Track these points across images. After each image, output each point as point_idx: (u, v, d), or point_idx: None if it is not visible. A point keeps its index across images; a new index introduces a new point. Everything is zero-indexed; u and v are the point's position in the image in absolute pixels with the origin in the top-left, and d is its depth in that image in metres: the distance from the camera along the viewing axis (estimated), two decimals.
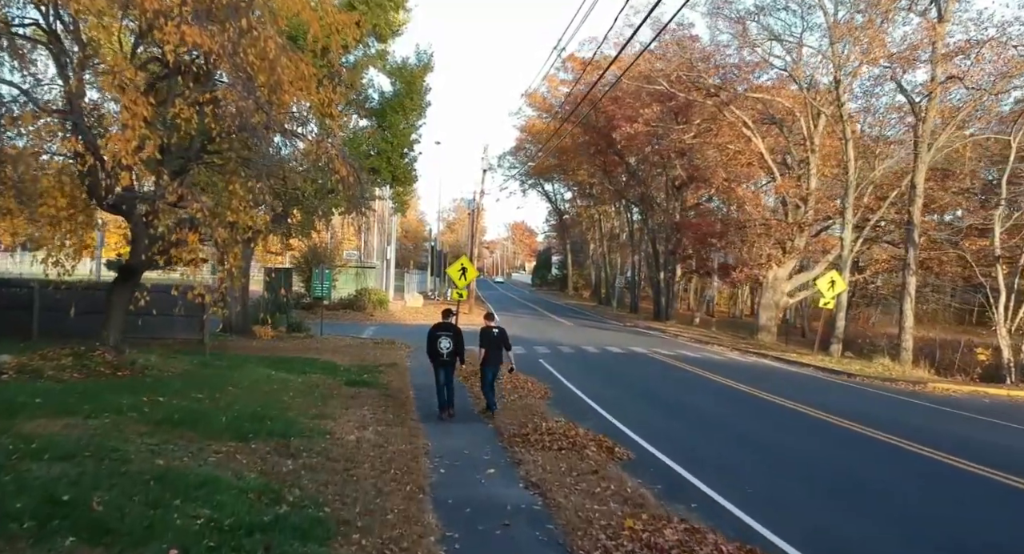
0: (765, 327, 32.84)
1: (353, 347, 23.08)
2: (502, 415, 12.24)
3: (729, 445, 11.64)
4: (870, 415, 15.00)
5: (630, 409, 14.27)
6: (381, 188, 27.50)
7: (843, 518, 8.02)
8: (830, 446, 12.13)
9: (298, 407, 11.44)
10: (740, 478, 9.33)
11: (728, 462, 10.32)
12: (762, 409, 15.39)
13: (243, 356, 18.12)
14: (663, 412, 14.47)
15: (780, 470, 10.15)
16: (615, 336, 32.93)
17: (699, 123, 33.72)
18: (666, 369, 21.36)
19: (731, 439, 12.12)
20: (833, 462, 10.86)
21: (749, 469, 9.97)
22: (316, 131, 16.50)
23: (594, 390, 16.21)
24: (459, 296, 23.31)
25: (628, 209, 57.86)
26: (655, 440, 11.19)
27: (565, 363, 21.33)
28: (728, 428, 13.12)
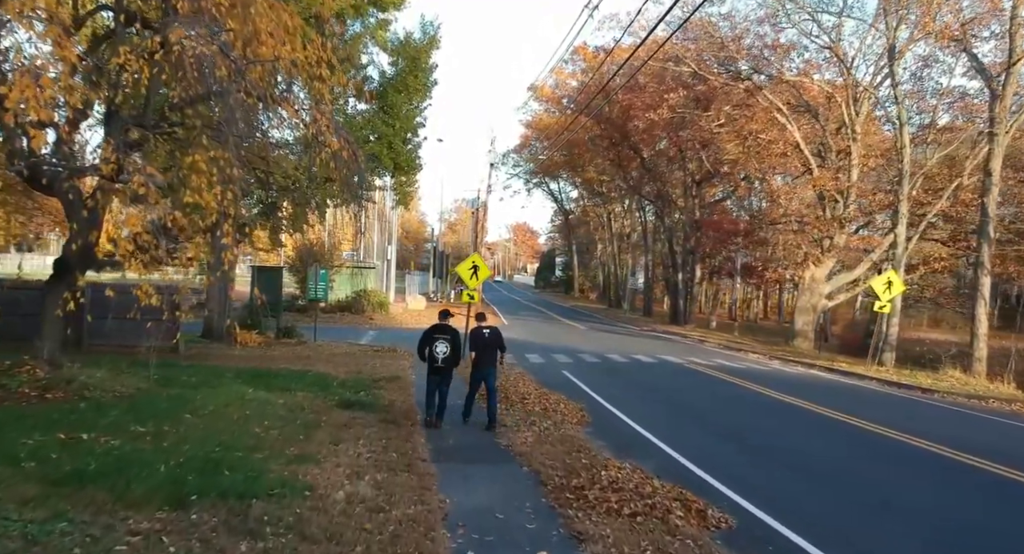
0: (801, 332, 30.07)
1: (349, 356, 20.33)
2: (539, 452, 9.47)
3: (852, 501, 8.54)
4: (998, 448, 12.05)
5: (695, 440, 11.46)
6: (381, 177, 24.74)
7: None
8: (981, 499, 9.26)
9: (272, 444, 8.67)
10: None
11: (876, 534, 7.40)
12: (859, 440, 12.34)
13: (219, 368, 15.36)
14: (735, 445, 11.60)
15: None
16: (636, 342, 30.15)
17: (729, 108, 31.02)
18: (712, 384, 18.52)
19: (851, 491, 9.00)
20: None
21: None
22: (304, 99, 13.73)
23: (639, 412, 13.41)
24: (469, 298, 20.53)
25: (641, 207, 55.11)
26: (749, 492, 8.36)
27: (592, 375, 18.57)
28: (836, 471, 10.13)
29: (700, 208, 43.02)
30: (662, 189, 46.27)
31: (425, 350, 11.06)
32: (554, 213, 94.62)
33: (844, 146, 30.41)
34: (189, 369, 15.08)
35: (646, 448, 10.58)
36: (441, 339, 10.98)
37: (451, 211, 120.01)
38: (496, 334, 11.59)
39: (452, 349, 10.99)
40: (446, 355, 10.92)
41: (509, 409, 12.64)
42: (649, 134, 42.12)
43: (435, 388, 11.02)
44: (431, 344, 10.99)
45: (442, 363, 10.91)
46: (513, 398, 13.33)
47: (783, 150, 30.22)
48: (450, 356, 10.96)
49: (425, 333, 11.20)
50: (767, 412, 14.71)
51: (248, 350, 20.50)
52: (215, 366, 15.63)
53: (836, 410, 14.90)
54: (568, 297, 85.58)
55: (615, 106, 42.20)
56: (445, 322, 11.32)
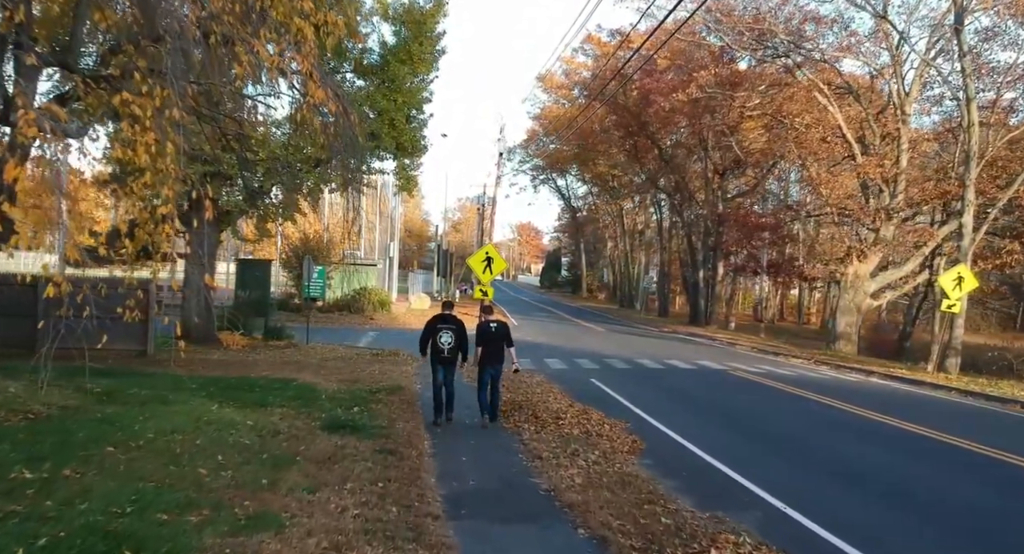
0: (844, 335, 27.33)
1: (344, 361, 17.72)
2: (596, 502, 6.80)
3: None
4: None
5: (801, 481, 8.65)
6: (382, 160, 22.06)
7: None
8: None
9: (220, 495, 6.04)
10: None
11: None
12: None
13: (185, 379, 12.72)
14: (862, 491, 8.88)
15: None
16: (663, 345, 27.47)
17: (764, 87, 28.33)
18: (775, 397, 15.68)
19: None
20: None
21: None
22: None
23: (704, 436, 10.67)
24: (483, 294, 17.87)
25: (656, 202, 52.43)
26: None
27: (627, 384, 15.89)
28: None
29: (723, 201, 40.30)
30: (681, 181, 43.57)
31: (428, 342, 10.63)
32: (561, 211, 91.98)
33: (889, 130, 27.71)
34: (148, 378, 12.47)
35: (734, 492, 7.89)
36: (446, 330, 10.58)
37: (455, 210, 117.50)
38: (503, 328, 11.06)
39: (457, 340, 10.58)
40: (451, 345, 10.51)
41: (541, 432, 9.98)
42: (668, 122, 39.46)
43: (442, 382, 10.60)
44: (435, 335, 10.57)
45: (448, 353, 10.51)
46: (544, 417, 10.67)
47: (823, 135, 27.51)
48: (455, 346, 10.55)
49: (428, 324, 10.79)
50: (867, 436, 11.80)
51: (229, 354, 17.89)
52: (180, 376, 12.98)
53: (941, 432, 12.14)
54: (576, 297, 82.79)
55: (632, 92, 39.56)
56: (450, 312, 10.90)
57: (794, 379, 18.28)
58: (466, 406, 11.80)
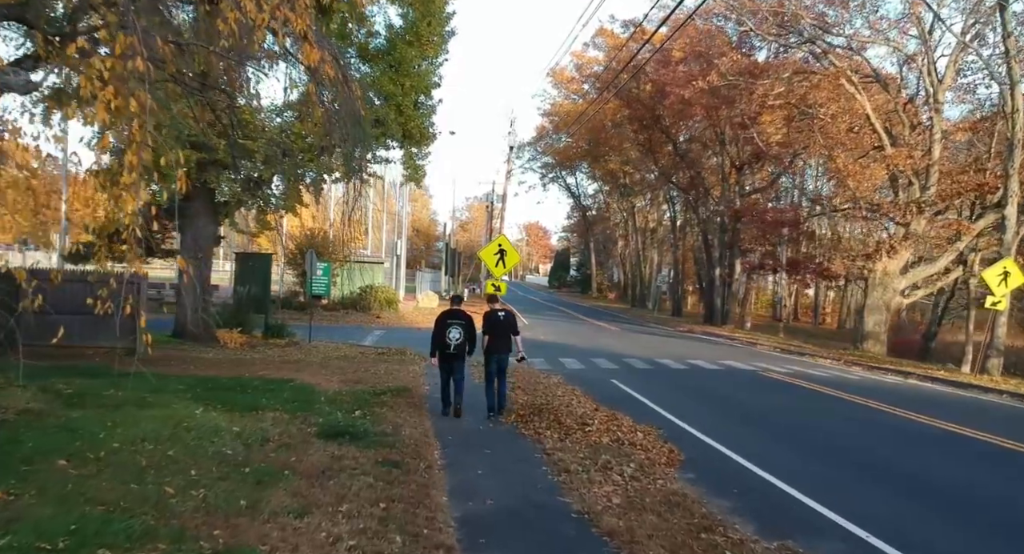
0: (872, 334, 26.03)
1: (348, 360, 16.63)
2: (640, 529, 5.65)
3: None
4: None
5: (882, 505, 7.38)
6: (388, 149, 20.92)
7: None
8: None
9: (185, 520, 4.94)
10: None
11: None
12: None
13: (173, 379, 11.65)
14: (952, 509, 7.66)
15: None
16: (681, 345, 26.27)
17: (789, 74, 27.05)
18: (814, 398, 14.43)
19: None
20: None
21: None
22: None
23: (749, 445, 9.47)
24: (495, 289, 16.71)
25: (669, 199, 51.19)
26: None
27: (651, 385, 14.72)
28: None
29: (740, 197, 39.02)
30: (696, 177, 42.31)
31: (440, 339, 10.27)
32: (571, 209, 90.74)
33: (919, 121, 26.44)
34: (130, 378, 11.38)
35: (797, 513, 6.73)
36: (455, 324, 10.23)
37: (462, 210, 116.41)
38: (510, 316, 10.84)
39: (466, 335, 10.22)
40: (459, 341, 10.17)
41: (566, 439, 8.82)
42: (684, 114, 38.24)
43: (448, 378, 10.42)
44: (444, 330, 10.27)
45: (455, 350, 10.18)
46: (569, 423, 9.50)
47: (849, 124, 26.24)
48: (463, 342, 10.21)
49: (439, 319, 10.51)
50: (930, 444, 10.57)
51: (225, 353, 16.82)
52: (168, 376, 11.90)
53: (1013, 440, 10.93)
54: (586, 297, 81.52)
55: (646, 85, 38.38)
56: (458, 307, 10.65)
57: (829, 380, 17.03)
58: (479, 408, 10.69)
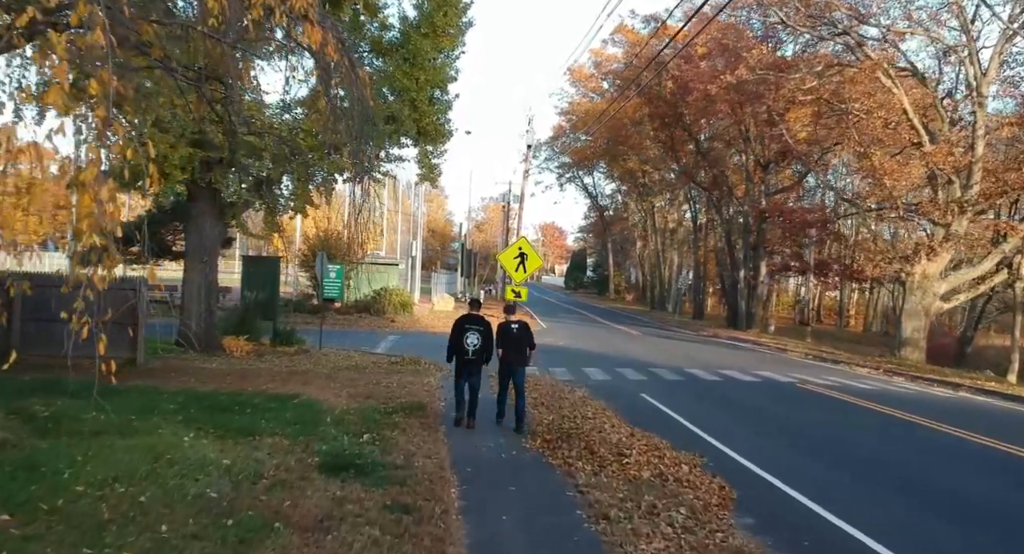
0: (911, 341, 24.73)
1: (359, 370, 15.66)
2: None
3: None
4: None
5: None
6: (402, 146, 19.92)
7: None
8: None
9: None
10: None
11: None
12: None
13: (168, 395, 10.71)
14: None
15: None
16: (708, 351, 25.12)
17: (821, 68, 25.78)
18: (866, 416, 13.13)
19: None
20: None
21: None
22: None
23: (809, 478, 8.33)
24: (515, 295, 15.66)
25: (691, 198, 49.93)
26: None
27: (686, 402, 13.62)
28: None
29: (765, 196, 37.73)
30: (719, 176, 41.05)
31: (457, 346, 10.09)
32: (588, 209, 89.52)
33: (959, 115, 25.10)
34: (121, 395, 10.42)
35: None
36: (473, 330, 10.09)
37: (478, 210, 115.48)
38: (525, 329, 10.53)
39: (484, 341, 10.06)
40: (477, 347, 10.00)
41: (600, 473, 7.75)
42: (707, 112, 37.05)
43: (464, 383, 10.12)
44: (461, 335, 10.06)
45: (472, 355, 9.99)
46: (602, 452, 8.41)
47: (885, 119, 24.92)
48: (481, 348, 10.02)
49: (456, 324, 10.32)
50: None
51: (229, 362, 15.90)
52: (161, 390, 10.96)
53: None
54: (603, 299, 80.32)
55: (668, 81, 37.19)
56: (477, 312, 10.48)
57: (876, 394, 15.80)
58: (501, 435, 9.68)
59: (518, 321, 10.59)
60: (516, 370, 10.15)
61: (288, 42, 8.51)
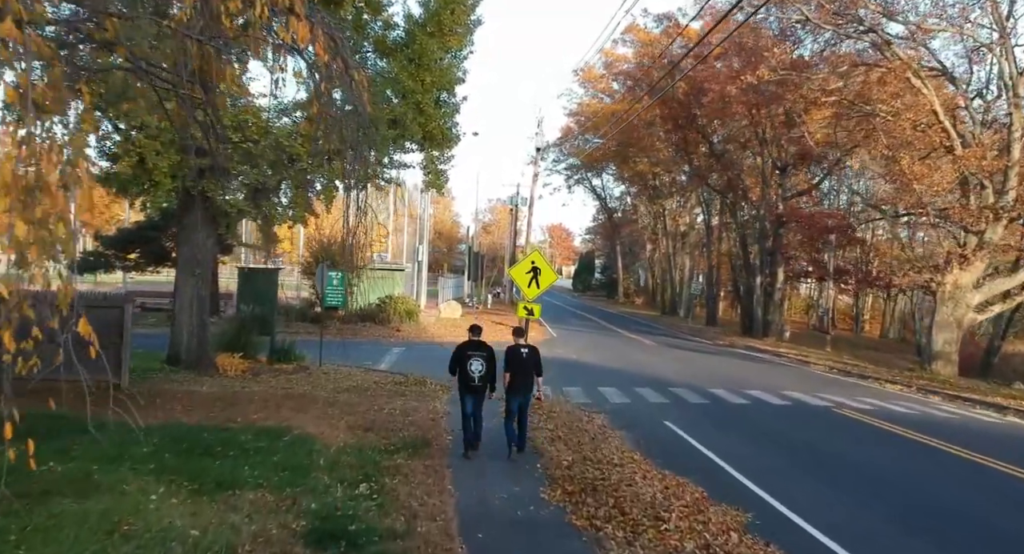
0: (942, 355, 23.51)
1: (360, 393, 14.62)
2: None
3: None
4: None
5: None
6: (407, 151, 18.84)
7: None
8: None
9: None
10: None
11: None
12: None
13: (141, 433, 9.61)
14: None
15: None
16: (728, 365, 23.98)
17: (844, 69, 24.60)
18: (919, 453, 11.62)
19: None
20: None
21: None
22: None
23: (873, 541, 7.24)
24: (527, 312, 14.58)
25: (704, 201, 48.73)
26: None
27: (716, 433, 12.49)
28: None
29: (783, 200, 36.52)
30: (734, 178, 39.85)
31: (457, 369, 9.90)
32: (597, 211, 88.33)
33: (992, 117, 23.88)
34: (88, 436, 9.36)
35: None
36: (476, 357, 9.80)
37: (485, 212, 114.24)
38: (534, 354, 10.18)
39: (488, 367, 9.81)
40: (482, 373, 9.75)
41: (635, 542, 6.61)
42: (723, 113, 35.87)
43: (470, 413, 9.84)
44: (465, 363, 9.79)
45: (479, 381, 9.75)
46: (635, 513, 7.25)
47: (913, 121, 23.69)
48: (486, 374, 9.79)
49: (457, 351, 10.01)
50: None
51: (222, 384, 14.84)
52: (140, 426, 9.88)
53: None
54: (612, 302, 79.10)
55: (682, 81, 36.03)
56: (478, 338, 10.10)
57: (921, 422, 14.53)
58: (514, 477, 8.61)
59: (528, 345, 10.24)
60: (523, 396, 9.88)
61: (272, 38, 7.43)
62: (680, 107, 37.96)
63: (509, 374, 9.89)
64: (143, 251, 28.84)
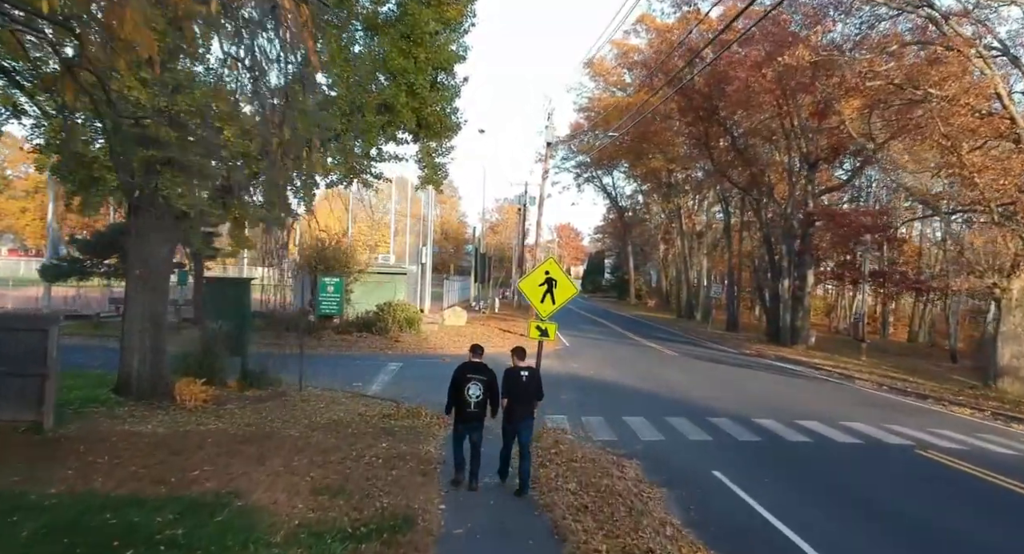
0: (1009, 370, 20.80)
1: (340, 431, 12.09)
2: None
3: None
4: None
5: None
6: (400, 142, 16.26)
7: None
8: None
9: None
10: None
11: None
12: None
13: (33, 506, 7.19)
14: None
15: None
16: (764, 381, 21.41)
17: (897, 46, 21.85)
18: None
19: None
20: None
21: None
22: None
23: None
24: (540, 333, 12.01)
25: (723, 199, 46.05)
26: None
27: (783, 491, 9.90)
28: None
29: (812, 197, 33.82)
30: (757, 174, 37.16)
31: (456, 398, 8.91)
32: (607, 210, 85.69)
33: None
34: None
35: None
36: (475, 380, 8.86)
37: (493, 211, 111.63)
38: (534, 377, 9.25)
39: (487, 392, 8.86)
40: (479, 399, 8.84)
41: None
42: (747, 104, 33.20)
43: (463, 439, 8.99)
44: (462, 387, 8.83)
45: (475, 408, 8.84)
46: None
47: (971, 106, 20.97)
48: (484, 399, 8.86)
49: (456, 375, 9.00)
50: None
51: (174, 420, 12.34)
52: (40, 493, 7.42)
53: None
54: (624, 304, 76.45)
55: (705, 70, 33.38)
56: (479, 360, 9.10)
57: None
58: None
59: (527, 367, 9.34)
60: (523, 424, 9.11)
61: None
62: (701, 98, 35.31)
63: (507, 399, 9.11)
64: (123, 256, 26.47)
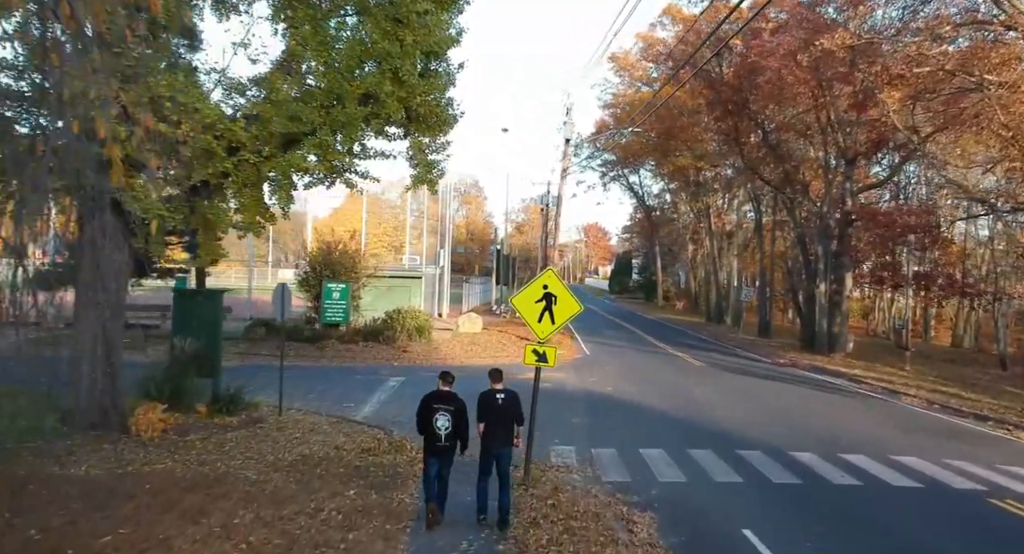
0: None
1: (307, 470, 10.45)
2: None
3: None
4: None
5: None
6: (390, 138, 14.52)
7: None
8: None
9: None
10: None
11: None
12: None
13: None
14: None
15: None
16: (800, 398, 19.39)
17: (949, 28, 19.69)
18: None
19: None
20: None
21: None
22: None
23: None
24: (536, 357, 10.24)
25: (755, 198, 43.73)
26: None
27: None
28: None
29: (851, 195, 31.50)
30: (791, 171, 34.89)
31: (424, 424, 8.44)
32: (634, 209, 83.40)
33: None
34: None
35: None
36: (442, 411, 8.31)
37: (518, 211, 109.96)
38: (512, 400, 8.63)
39: (455, 424, 8.32)
40: (448, 431, 8.29)
41: None
42: (780, 97, 31.02)
43: (434, 475, 8.35)
44: (429, 417, 8.32)
45: (446, 440, 8.31)
46: None
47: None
48: (452, 432, 8.32)
49: (421, 406, 8.51)
50: None
51: (119, 457, 10.80)
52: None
53: None
54: (651, 306, 74.11)
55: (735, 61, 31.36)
56: (448, 388, 8.50)
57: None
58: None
59: (506, 390, 8.71)
60: (501, 452, 8.50)
61: None
62: (730, 91, 33.18)
63: (483, 425, 8.57)
64: (73, 266, 25.14)
